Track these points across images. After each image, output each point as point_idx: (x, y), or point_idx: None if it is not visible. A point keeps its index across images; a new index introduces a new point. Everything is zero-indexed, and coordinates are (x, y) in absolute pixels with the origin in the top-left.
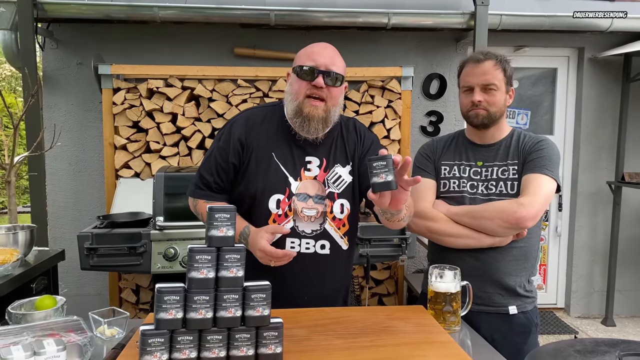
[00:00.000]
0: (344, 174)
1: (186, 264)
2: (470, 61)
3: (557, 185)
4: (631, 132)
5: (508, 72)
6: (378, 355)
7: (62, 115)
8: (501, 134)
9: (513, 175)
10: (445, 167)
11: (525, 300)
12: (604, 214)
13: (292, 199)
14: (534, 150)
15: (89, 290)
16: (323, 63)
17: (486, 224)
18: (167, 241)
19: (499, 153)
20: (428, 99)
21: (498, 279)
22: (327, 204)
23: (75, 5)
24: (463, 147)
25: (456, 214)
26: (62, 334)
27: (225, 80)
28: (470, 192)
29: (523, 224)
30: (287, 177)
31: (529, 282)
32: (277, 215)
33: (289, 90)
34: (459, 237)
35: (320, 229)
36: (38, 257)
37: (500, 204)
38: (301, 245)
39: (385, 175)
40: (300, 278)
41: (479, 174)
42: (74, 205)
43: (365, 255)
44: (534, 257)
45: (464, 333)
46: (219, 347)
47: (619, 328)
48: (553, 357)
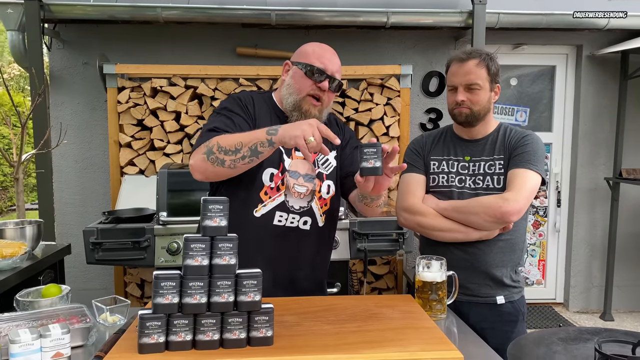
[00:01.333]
0: (331, 158)
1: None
2: (454, 60)
3: (541, 178)
4: (629, 129)
5: (492, 70)
6: (364, 338)
7: (68, 113)
8: (488, 129)
9: (499, 170)
10: (434, 163)
11: (512, 290)
12: (602, 209)
13: (285, 174)
14: (519, 145)
15: (95, 284)
16: (331, 69)
17: (473, 219)
18: (171, 236)
19: (486, 148)
20: (427, 96)
21: (485, 270)
22: (316, 183)
23: (80, 7)
24: (451, 142)
25: (444, 209)
26: (67, 320)
27: (227, 79)
28: (459, 187)
29: (508, 219)
30: (282, 152)
31: (516, 272)
32: (269, 188)
33: (290, 83)
34: (447, 232)
35: (307, 207)
36: (45, 251)
37: (486, 199)
38: (287, 219)
39: (374, 161)
40: (281, 251)
41: (466, 168)
42: (80, 201)
43: (363, 250)
44: (520, 249)
45: (450, 321)
46: (212, 331)
47: (617, 323)
48: (536, 344)
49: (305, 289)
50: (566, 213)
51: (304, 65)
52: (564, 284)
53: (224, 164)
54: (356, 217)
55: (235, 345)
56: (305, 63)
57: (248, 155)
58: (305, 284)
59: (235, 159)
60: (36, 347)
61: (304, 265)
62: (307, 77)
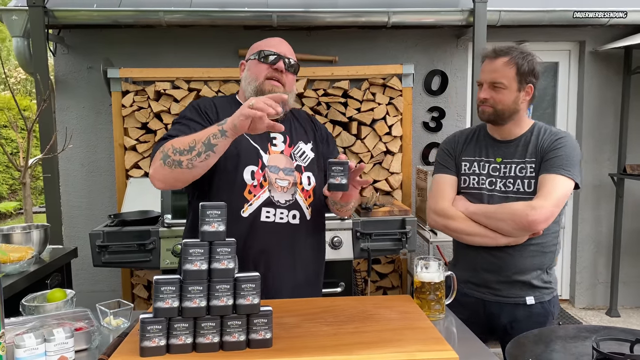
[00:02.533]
0: (307, 150)
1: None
2: (485, 57)
3: (574, 183)
4: (632, 125)
5: (523, 69)
6: (362, 339)
7: (74, 118)
8: (520, 130)
9: (530, 174)
10: (465, 164)
11: (543, 291)
12: (607, 206)
13: (265, 170)
14: (551, 148)
15: (103, 286)
16: (283, 51)
17: (501, 225)
18: (175, 238)
19: (518, 150)
20: (430, 95)
21: (515, 273)
22: (296, 175)
23: (84, 12)
24: (483, 142)
25: (474, 213)
26: (71, 324)
27: (230, 82)
28: (489, 189)
29: (535, 228)
30: (258, 149)
31: (547, 273)
32: (252, 186)
33: (247, 75)
34: (476, 236)
35: (292, 199)
36: (52, 254)
37: (514, 206)
38: (276, 215)
39: (340, 178)
40: (276, 248)
41: (497, 170)
42: (87, 204)
43: (367, 250)
44: (551, 251)
45: (449, 321)
46: (212, 334)
47: (624, 319)
48: (536, 342)
49: (302, 283)
50: (571, 210)
51: (257, 54)
52: (570, 280)
53: (181, 164)
54: (359, 217)
55: (234, 347)
56: (257, 52)
57: (203, 151)
58: (302, 278)
59: (191, 157)
60: (41, 351)
61: (299, 259)
62: (261, 62)
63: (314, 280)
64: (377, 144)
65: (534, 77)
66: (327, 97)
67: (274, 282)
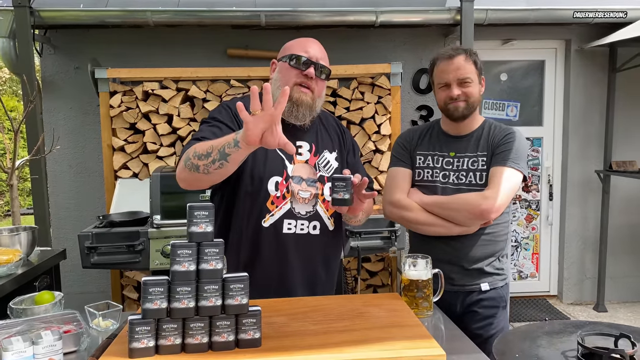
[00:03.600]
0: (332, 160)
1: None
2: (441, 58)
3: (523, 176)
4: (618, 122)
5: (479, 64)
6: (350, 338)
7: (61, 118)
8: (474, 125)
9: (482, 167)
10: (420, 157)
11: (496, 277)
12: (594, 202)
13: (289, 181)
14: (501, 142)
15: (92, 288)
16: (314, 56)
17: (453, 215)
18: (165, 238)
19: (470, 144)
20: (418, 93)
21: (469, 262)
22: (318, 186)
23: (71, 12)
24: (438, 138)
25: (428, 204)
26: (60, 326)
27: (218, 81)
28: (442, 182)
29: (487, 216)
30: (284, 159)
31: (499, 261)
32: (275, 197)
33: (277, 77)
34: (430, 226)
35: (313, 211)
36: (40, 256)
37: (466, 196)
38: (297, 227)
39: (343, 193)
40: (295, 259)
41: (451, 164)
42: (75, 206)
43: (356, 248)
44: (503, 240)
45: (436, 317)
46: (201, 334)
47: (611, 313)
48: (522, 338)
49: (322, 292)
50: (558, 206)
51: (288, 57)
52: (558, 276)
53: (198, 169)
54: None
55: (223, 347)
56: (289, 55)
57: (217, 159)
58: (322, 288)
59: (207, 163)
60: (29, 354)
61: (320, 270)
62: (292, 67)
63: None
64: (367, 143)
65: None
66: None
67: (296, 292)
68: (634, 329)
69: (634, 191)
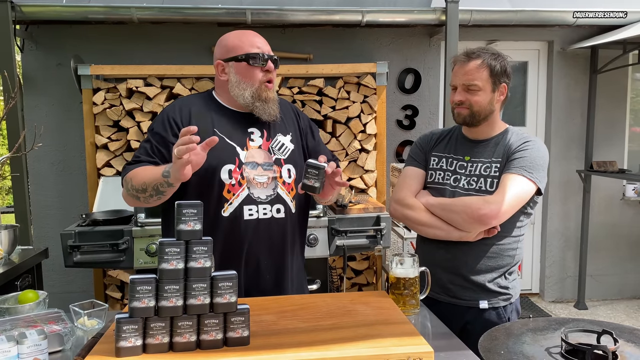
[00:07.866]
0: (287, 142)
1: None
2: (457, 61)
3: (536, 187)
4: (599, 122)
5: (496, 70)
6: (338, 335)
7: (43, 115)
8: (493, 131)
9: (494, 173)
10: (434, 159)
11: (499, 296)
12: (575, 201)
13: (243, 168)
14: (517, 150)
15: (75, 287)
16: (265, 49)
17: (453, 217)
18: (149, 237)
19: (487, 150)
20: (403, 93)
21: (467, 273)
22: (275, 169)
23: (53, 7)
24: (456, 140)
25: (431, 205)
26: (44, 325)
27: (203, 79)
28: (452, 185)
29: (486, 221)
30: (235, 147)
31: (505, 278)
32: (230, 185)
33: (238, 80)
34: (430, 227)
35: (273, 194)
36: (22, 255)
37: (468, 199)
38: (259, 212)
39: (314, 181)
40: (262, 245)
41: (464, 168)
42: (58, 204)
43: (342, 247)
44: (510, 255)
45: (423, 315)
46: (189, 332)
47: (591, 311)
48: (507, 335)
49: (292, 276)
50: (540, 205)
51: (243, 57)
52: (540, 274)
53: (139, 199)
54: (335, 215)
55: (212, 346)
56: (243, 54)
57: (155, 194)
58: (291, 272)
59: (146, 197)
60: (13, 353)
61: (287, 253)
62: (253, 66)
63: (301, 272)
64: (352, 142)
65: (506, 77)
66: (302, 95)
67: (266, 278)
68: (615, 325)
69: (614, 191)
